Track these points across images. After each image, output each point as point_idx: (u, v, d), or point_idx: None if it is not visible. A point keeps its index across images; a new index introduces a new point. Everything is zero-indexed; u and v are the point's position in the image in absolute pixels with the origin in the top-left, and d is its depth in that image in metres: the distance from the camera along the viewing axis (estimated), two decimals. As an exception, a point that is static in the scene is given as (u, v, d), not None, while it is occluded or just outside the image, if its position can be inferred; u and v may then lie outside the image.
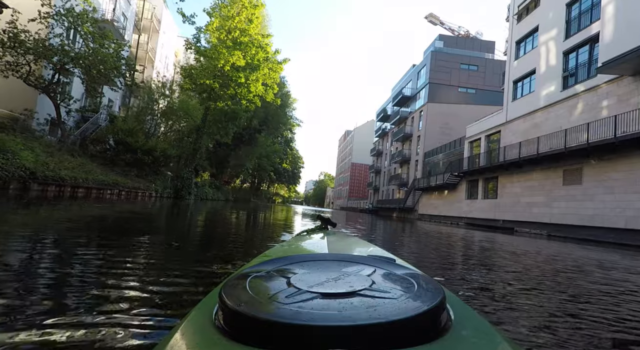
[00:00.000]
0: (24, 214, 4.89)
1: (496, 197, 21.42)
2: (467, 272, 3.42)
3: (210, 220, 7.76)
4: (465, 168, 25.31)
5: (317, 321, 0.39)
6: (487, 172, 22.41)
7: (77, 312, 1.31)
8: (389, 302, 0.45)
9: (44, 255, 2.34)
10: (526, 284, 3.00)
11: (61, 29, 15.91)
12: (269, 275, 0.58)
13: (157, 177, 16.18)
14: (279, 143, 43.75)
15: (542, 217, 16.76)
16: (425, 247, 5.83)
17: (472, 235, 11.02)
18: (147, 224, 5.47)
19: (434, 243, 6.69)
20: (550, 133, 16.37)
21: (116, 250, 2.70)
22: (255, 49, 17.49)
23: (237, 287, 0.51)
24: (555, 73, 17.16)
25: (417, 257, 4.28)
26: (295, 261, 0.66)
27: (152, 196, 15.15)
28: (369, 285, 0.51)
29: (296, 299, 0.46)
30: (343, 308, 0.43)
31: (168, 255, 2.81)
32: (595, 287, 3.10)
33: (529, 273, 3.70)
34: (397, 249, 4.94)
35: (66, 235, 3.31)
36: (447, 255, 4.76)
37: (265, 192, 65.27)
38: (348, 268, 0.62)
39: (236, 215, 10.34)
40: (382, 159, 53.14)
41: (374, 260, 0.67)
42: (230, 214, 10.59)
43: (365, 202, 62.53)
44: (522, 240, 10.36)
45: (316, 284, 0.52)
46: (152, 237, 3.75)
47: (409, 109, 42.57)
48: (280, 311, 0.42)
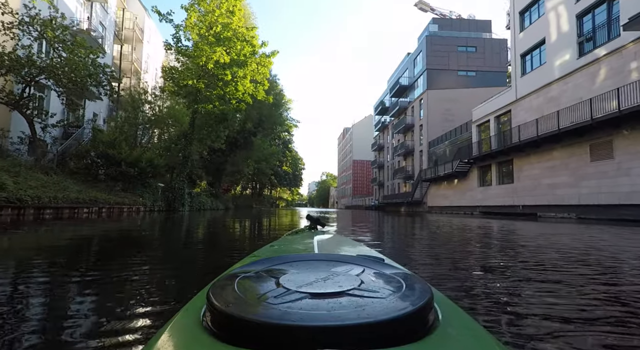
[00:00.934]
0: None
1: (513, 182, 19.97)
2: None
3: (202, 233, 6.41)
4: (475, 154, 23.87)
5: (306, 321, 0.39)
6: (500, 156, 20.97)
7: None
8: (377, 301, 0.45)
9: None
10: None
11: (29, 40, 14.63)
12: (258, 276, 0.57)
13: (146, 190, 14.83)
14: (276, 145, 42.40)
15: (569, 199, 15.31)
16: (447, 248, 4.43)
17: (492, 226, 9.63)
18: (109, 247, 4.10)
19: (455, 242, 5.30)
20: (570, 105, 14.93)
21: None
22: (241, 44, 16.11)
23: (226, 288, 0.50)
24: (568, 40, 15.71)
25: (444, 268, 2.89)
26: (284, 261, 0.65)
27: (140, 211, 13.80)
28: (358, 285, 0.51)
29: (285, 299, 0.46)
30: (332, 308, 0.43)
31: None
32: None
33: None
34: (418, 262, 3.54)
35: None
36: (483, 258, 3.36)
37: (267, 197, 63.94)
38: (337, 268, 0.61)
39: (233, 225, 9.01)
40: (384, 153, 51.71)
41: (363, 260, 0.66)
42: (227, 224, 9.26)
43: (371, 198, 61.13)
44: (552, 227, 8.95)
45: (305, 284, 0.51)
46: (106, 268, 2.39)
47: (408, 99, 41.16)
48: (268, 311, 0.42)
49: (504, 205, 20.55)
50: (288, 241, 1.27)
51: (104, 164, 13.87)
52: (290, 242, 1.23)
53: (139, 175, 14.41)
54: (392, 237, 6.41)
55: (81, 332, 1.25)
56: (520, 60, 19.59)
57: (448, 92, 34.59)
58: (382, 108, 50.28)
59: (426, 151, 34.59)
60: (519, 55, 19.73)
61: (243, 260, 0.91)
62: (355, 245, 1.21)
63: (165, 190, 15.48)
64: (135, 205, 13.35)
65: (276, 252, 1.07)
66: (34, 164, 12.38)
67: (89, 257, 3.53)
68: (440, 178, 29.51)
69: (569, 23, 15.74)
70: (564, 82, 15.93)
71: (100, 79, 15.19)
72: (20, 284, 2.13)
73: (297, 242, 1.22)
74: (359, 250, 1.08)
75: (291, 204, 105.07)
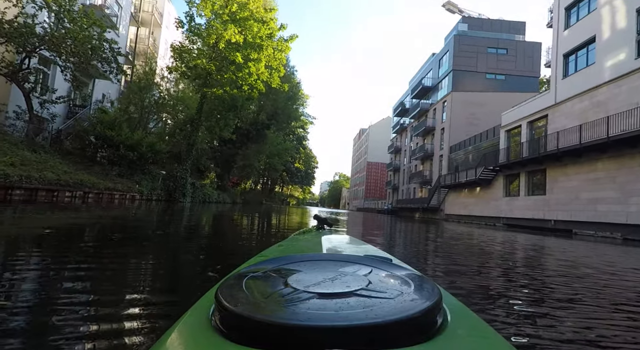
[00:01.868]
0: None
1: (545, 193, 18.16)
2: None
3: (194, 231, 5.19)
4: (502, 161, 22.06)
5: (314, 321, 0.39)
6: (530, 165, 19.16)
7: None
8: (385, 302, 0.45)
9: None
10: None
11: (34, 9, 13.69)
12: (266, 276, 0.57)
13: (145, 177, 13.71)
14: (290, 141, 41.13)
15: (614, 217, 13.50)
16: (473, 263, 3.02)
17: (523, 241, 8.13)
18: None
19: (481, 256, 3.90)
20: (622, 111, 13.13)
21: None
22: (257, 25, 14.84)
23: (234, 287, 0.50)
24: (625, 37, 13.88)
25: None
26: (292, 261, 0.65)
27: (136, 199, 12.66)
28: (366, 285, 0.51)
29: (293, 299, 0.46)
30: (340, 308, 0.43)
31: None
32: None
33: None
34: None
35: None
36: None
37: (279, 194, 62.87)
38: (345, 268, 0.61)
39: (236, 222, 7.82)
40: (400, 156, 49.92)
41: (370, 260, 0.66)
42: (229, 221, 8.06)
43: (383, 202, 59.34)
44: (594, 248, 7.41)
45: (313, 284, 0.51)
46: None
47: (430, 101, 39.33)
48: (277, 311, 0.42)
49: (533, 218, 18.75)
50: (296, 241, 1.29)
51: (101, 146, 12.79)
52: (298, 242, 1.25)
53: (138, 160, 13.29)
54: (413, 248, 5.00)
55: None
56: (563, 61, 17.74)
57: (474, 95, 32.69)
58: (402, 109, 48.49)
59: (447, 156, 32.78)
60: (561, 56, 17.88)
61: (251, 260, 0.90)
62: (363, 245, 1.20)
63: (166, 179, 14.33)
64: (130, 192, 12.21)
65: (284, 251, 1.07)
66: (23, 140, 11.38)
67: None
68: (461, 185, 27.73)
69: (627, 18, 13.90)
70: (615, 84, 14.10)
71: (106, 54, 14.16)
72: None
73: (305, 242, 1.24)
74: (366, 250, 1.08)
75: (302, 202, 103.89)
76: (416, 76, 46.71)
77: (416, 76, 46.71)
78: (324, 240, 1.13)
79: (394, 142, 52.95)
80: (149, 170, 14.04)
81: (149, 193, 13.07)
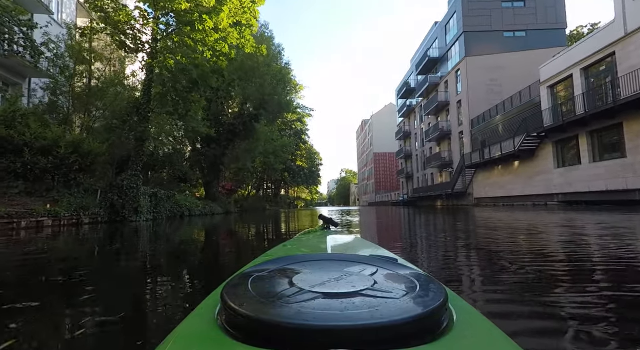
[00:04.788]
0: None
1: (624, 155, 13.64)
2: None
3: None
4: (548, 124, 17.55)
5: (320, 321, 0.39)
6: (595, 121, 14.65)
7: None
8: (391, 302, 0.45)
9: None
10: None
11: None
12: (271, 275, 0.57)
13: (72, 191, 9.58)
14: (287, 136, 36.76)
15: None
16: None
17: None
18: None
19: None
20: None
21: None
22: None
23: (239, 287, 0.50)
24: None
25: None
26: (297, 261, 0.65)
27: (51, 225, 8.46)
28: (371, 285, 0.50)
29: (298, 299, 0.46)
30: (345, 308, 0.43)
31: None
32: None
33: None
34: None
35: None
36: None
37: (284, 197, 58.67)
38: (350, 268, 0.60)
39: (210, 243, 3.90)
40: (411, 141, 45.36)
41: (376, 260, 0.65)
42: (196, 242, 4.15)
43: (397, 193, 54.81)
44: None
45: (318, 284, 0.51)
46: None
47: (439, 74, 34.77)
48: (282, 311, 0.42)
49: (607, 190, 14.24)
50: (301, 241, 1.28)
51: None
52: (303, 242, 1.24)
53: (56, 168, 9.11)
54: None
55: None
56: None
57: (492, 58, 28.11)
58: (407, 90, 43.92)
59: (468, 132, 28.24)
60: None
61: (256, 259, 0.90)
62: (369, 245, 1.19)
63: (107, 192, 10.16)
64: (34, 217, 7.99)
65: (289, 251, 1.07)
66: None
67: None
68: (492, 162, 23.24)
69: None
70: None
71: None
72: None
73: (310, 242, 1.22)
74: (372, 250, 1.07)
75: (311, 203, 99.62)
76: (419, 50, 42.11)
77: (419, 50, 42.11)
78: (329, 240, 1.11)
79: (402, 127, 48.35)
80: (77, 183, 9.84)
81: (74, 214, 8.87)
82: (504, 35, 28.73)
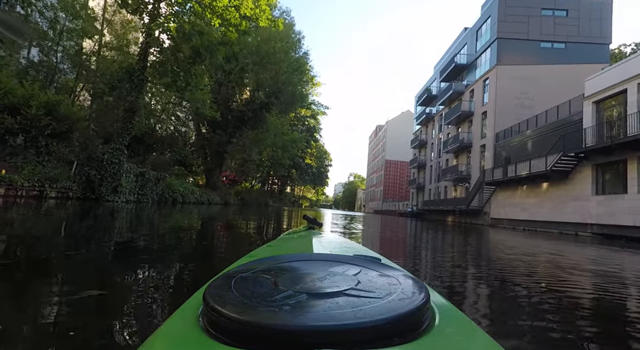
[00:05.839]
0: None
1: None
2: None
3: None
4: (590, 143, 15.70)
5: (303, 321, 0.39)
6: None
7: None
8: (374, 301, 0.45)
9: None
10: None
11: None
12: (255, 276, 0.56)
13: (42, 159, 8.11)
14: (299, 131, 35.17)
15: None
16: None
17: None
18: None
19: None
20: None
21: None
22: None
23: (222, 288, 0.50)
24: None
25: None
26: (281, 261, 0.64)
27: (3, 194, 7.01)
28: (355, 285, 0.51)
29: (282, 300, 0.46)
30: (329, 308, 0.43)
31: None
32: None
33: None
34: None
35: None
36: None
37: (289, 195, 57.19)
38: (334, 268, 0.61)
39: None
40: (427, 151, 43.48)
41: (360, 260, 0.66)
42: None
43: (405, 204, 52.91)
44: None
45: (302, 284, 0.51)
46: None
47: (465, 82, 32.92)
48: (265, 312, 0.42)
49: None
50: (285, 241, 1.26)
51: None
52: (287, 242, 1.22)
53: (25, 130, 7.67)
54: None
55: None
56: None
57: (526, 68, 26.23)
58: (428, 96, 42.09)
59: (491, 146, 26.36)
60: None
61: (240, 260, 0.88)
62: (352, 245, 1.17)
63: (83, 164, 8.70)
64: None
65: (273, 252, 1.04)
66: None
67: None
68: (516, 181, 21.37)
69: None
70: None
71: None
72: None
73: (294, 242, 1.20)
74: (356, 250, 1.05)
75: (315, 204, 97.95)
76: (445, 56, 40.26)
77: (445, 56, 40.26)
78: (313, 240, 1.10)
79: (419, 135, 46.45)
80: (48, 150, 8.38)
81: (37, 185, 7.38)
82: (541, 45, 26.79)
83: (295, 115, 34.96)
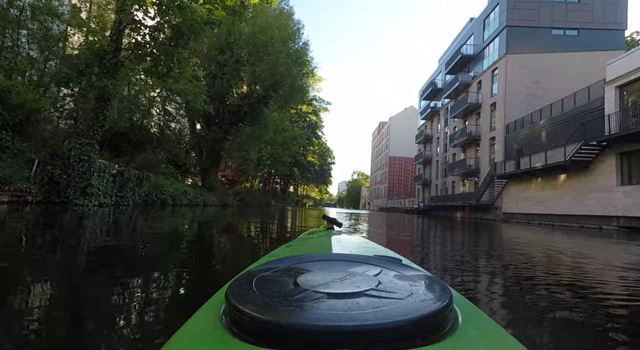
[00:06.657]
0: None
1: None
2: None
3: None
4: (614, 131, 14.42)
5: (323, 321, 0.39)
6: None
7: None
8: (395, 302, 0.45)
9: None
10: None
11: None
12: (275, 275, 0.56)
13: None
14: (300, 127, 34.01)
15: None
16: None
17: None
18: None
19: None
20: None
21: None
22: None
23: (244, 287, 0.50)
24: None
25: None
26: (301, 261, 0.64)
27: None
28: (375, 286, 0.50)
29: (302, 299, 0.46)
30: (349, 308, 0.43)
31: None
32: None
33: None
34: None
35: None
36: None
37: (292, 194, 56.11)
38: (354, 268, 0.60)
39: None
40: (432, 146, 42.18)
41: (380, 261, 0.65)
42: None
43: (411, 200, 51.61)
44: None
45: (322, 284, 0.51)
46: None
47: (472, 73, 31.60)
48: (286, 311, 0.42)
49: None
50: (304, 241, 1.26)
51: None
52: (306, 242, 1.22)
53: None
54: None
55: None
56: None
57: (537, 57, 24.88)
58: (433, 90, 40.74)
59: (501, 138, 25.08)
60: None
61: (260, 259, 0.87)
62: (373, 246, 1.16)
63: (46, 162, 7.61)
64: None
65: (293, 252, 1.05)
66: None
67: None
68: (529, 173, 20.11)
69: None
70: None
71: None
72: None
73: (314, 242, 1.20)
74: (376, 251, 1.04)
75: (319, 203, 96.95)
76: (450, 49, 38.91)
77: (450, 49, 38.91)
78: (333, 240, 1.10)
79: (424, 130, 45.13)
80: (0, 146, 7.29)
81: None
82: (552, 32, 25.42)
83: (297, 111, 33.76)
